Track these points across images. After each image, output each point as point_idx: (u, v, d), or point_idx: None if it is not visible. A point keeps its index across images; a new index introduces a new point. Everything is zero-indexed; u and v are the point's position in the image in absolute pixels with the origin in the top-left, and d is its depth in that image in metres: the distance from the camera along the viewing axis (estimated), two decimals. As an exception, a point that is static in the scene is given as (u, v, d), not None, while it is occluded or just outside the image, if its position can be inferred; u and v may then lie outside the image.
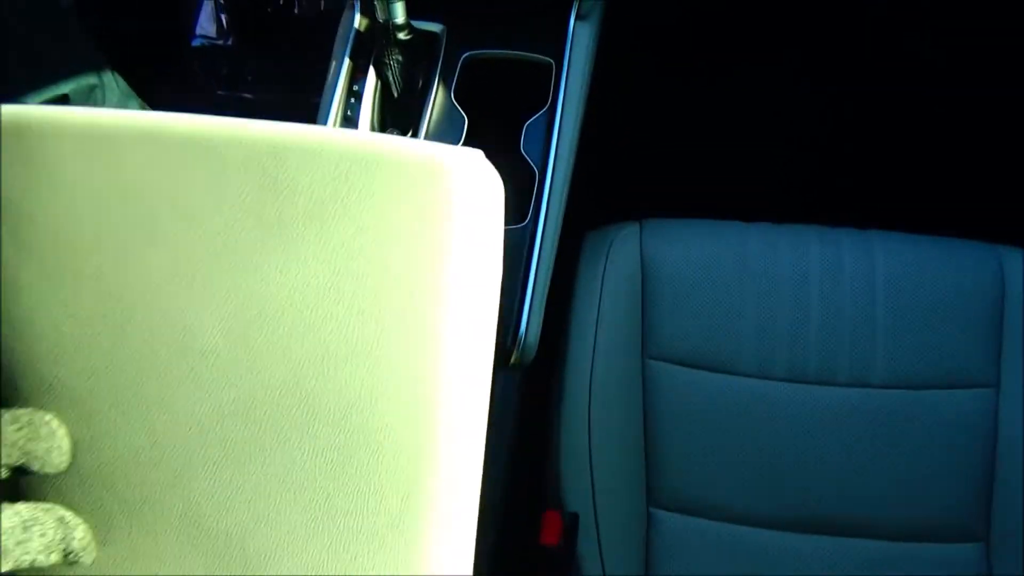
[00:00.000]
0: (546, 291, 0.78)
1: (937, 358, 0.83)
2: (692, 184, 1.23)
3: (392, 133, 0.83)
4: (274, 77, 1.43)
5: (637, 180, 1.31)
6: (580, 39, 0.85)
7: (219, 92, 1.42)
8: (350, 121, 0.83)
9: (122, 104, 0.78)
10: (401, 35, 0.82)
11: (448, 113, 0.83)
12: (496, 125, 0.82)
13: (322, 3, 1.46)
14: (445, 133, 0.82)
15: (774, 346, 0.85)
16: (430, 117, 0.83)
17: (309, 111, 0.86)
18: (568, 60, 0.84)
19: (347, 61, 0.85)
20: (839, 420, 0.82)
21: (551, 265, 0.79)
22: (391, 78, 0.83)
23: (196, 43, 1.48)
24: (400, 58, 0.83)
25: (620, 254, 0.89)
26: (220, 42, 1.48)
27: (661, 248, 0.89)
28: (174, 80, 1.45)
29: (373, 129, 0.84)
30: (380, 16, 0.80)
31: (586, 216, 0.90)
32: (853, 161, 1.38)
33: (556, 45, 0.84)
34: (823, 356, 0.84)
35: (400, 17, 0.80)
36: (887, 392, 0.82)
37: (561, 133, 0.81)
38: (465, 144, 0.81)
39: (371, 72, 0.85)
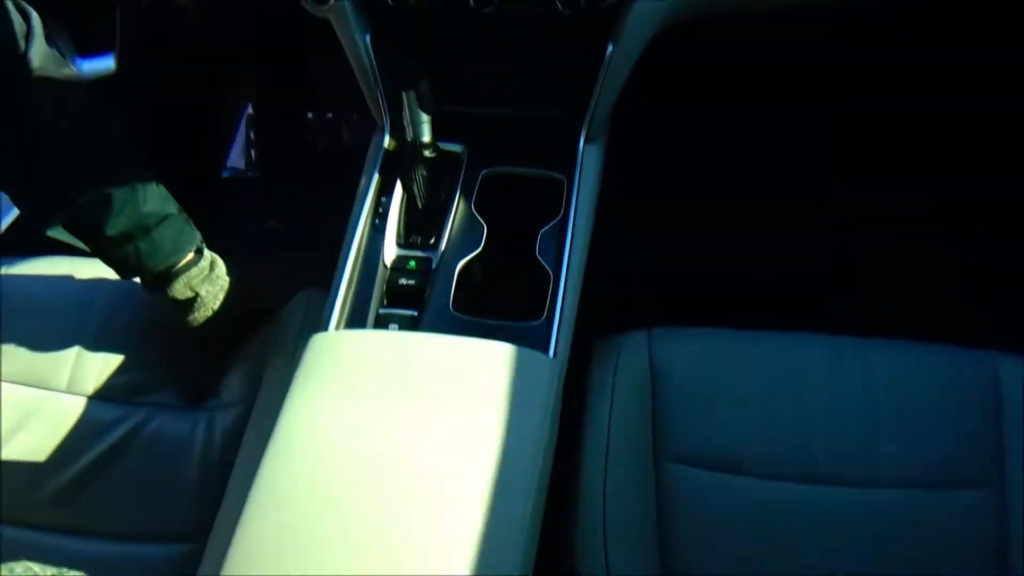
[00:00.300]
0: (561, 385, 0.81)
1: (941, 459, 0.85)
2: (698, 290, 1.29)
3: (416, 240, 0.89)
4: (299, 209, 1.52)
5: (645, 286, 1.37)
6: (589, 159, 0.93)
7: (248, 227, 1.51)
8: (378, 229, 0.89)
9: (161, 207, 0.84)
10: (427, 152, 0.90)
11: (469, 222, 0.89)
12: (513, 233, 0.88)
13: (345, 138, 1.58)
14: (466, 240, 0.88)
15: (783, 448, 0.86)
16: (452, 226, 0.89)
17: (333, 240, 0.92)
18: (578, 177, 0.91)
19: (376, 176, 0.93)
20: (851, 520, 0.82)
21: (565, 360, 0.82)
22: (416, 191, 0.90)
23: (226, 174, 1.59)
24: (425, 173, 0.90)
25: (630, 361, 0.92)
26: (249, 174, 1.59)
27: (669, 355, 0.92)
28: (203, 211, 1.53)
29: (399, 236, 0.90)
30: (408, 136, 0.88)
31: (596, 323, 0.95)
32: (849, 265, 1.46)
33: (567, 162, 0.92)
34: (831, 457, 0.85)
35: (426, 136, 0.88)
36: (896, 492, 0.83)
37: (573, 241, 0.87)
38: (484, 249, 0.87)
39: (398, 186, 0.92)
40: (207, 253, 0.90)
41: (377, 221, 0.90)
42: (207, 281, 0.88)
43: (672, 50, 0.96)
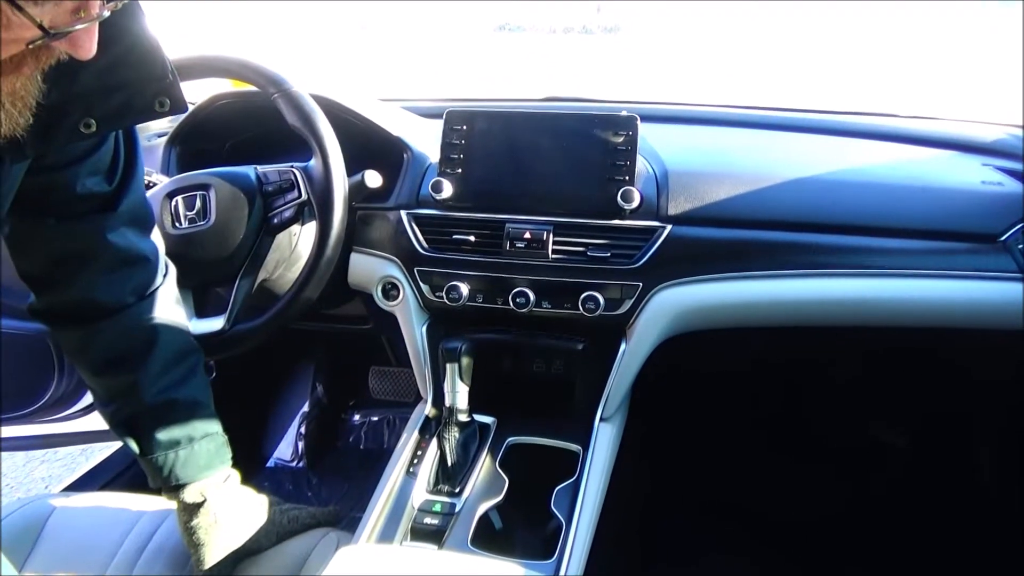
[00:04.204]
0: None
1: None
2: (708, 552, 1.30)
3: (443, 488, 0.99)
4: (330, 495, 1.62)
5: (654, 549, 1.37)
6: (603, 435, 1.05)
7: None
8: (411, 474, 1.00)
9: (209, 425, 0.94)
10: (461, 417, 1.04)
11: (493, 477, 0.99)
12: (531, 487, 0.97)
13: (386, 439, 1.72)
14: (489, 491, 0.97)
15: None
16: (477, 478, 0.99)
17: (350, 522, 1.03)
18: (592, 450, 1.03)
19: (416, 434, 1.06)
20: None
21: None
22: (448, 449, 1.02)
23: (270, 464, 1.71)
24: (458, 436, 1.03)
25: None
26: (292, 464, 1.71)
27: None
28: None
29: (428, 484, 1.00)
30: (447, 402, 1.04)
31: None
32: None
33: (584, 436, 1.05)
34: None
35: (462, 404, 1.04)
36: None
37: (585, 499, 0.96)
38: (504, 499, 0.96)
39: (433, 443, 1.04)
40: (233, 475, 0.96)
41: (411, 469, 1.01)
42: (219, 488, 0.93)
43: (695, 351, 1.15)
